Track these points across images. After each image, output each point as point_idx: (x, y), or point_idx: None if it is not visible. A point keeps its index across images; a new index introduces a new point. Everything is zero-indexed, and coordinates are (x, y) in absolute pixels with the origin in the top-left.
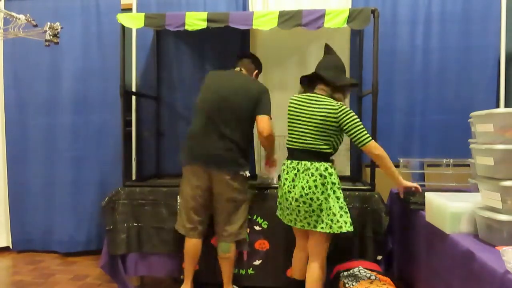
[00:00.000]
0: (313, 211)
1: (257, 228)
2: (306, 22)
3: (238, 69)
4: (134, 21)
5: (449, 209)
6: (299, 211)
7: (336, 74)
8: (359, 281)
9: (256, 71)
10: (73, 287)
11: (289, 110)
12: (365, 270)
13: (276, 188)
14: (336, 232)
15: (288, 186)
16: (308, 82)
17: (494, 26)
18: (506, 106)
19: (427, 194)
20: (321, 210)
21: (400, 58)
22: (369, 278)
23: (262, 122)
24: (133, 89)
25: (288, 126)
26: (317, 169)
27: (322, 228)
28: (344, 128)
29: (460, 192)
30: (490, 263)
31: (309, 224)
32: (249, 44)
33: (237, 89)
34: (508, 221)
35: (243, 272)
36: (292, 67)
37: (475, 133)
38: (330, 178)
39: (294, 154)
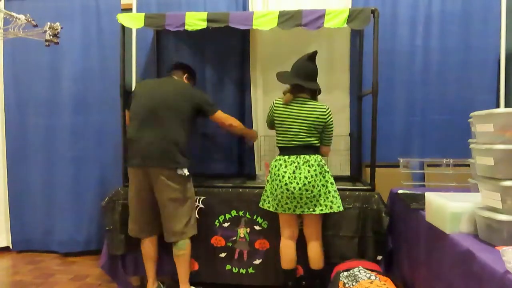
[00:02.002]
0: (314, 196)
1: (257, 228)
2: (306, 22)
3: (169, 77)
4: (134, 21)
5: (449, 209)
6: (301, 198)
7: (315, 82)
8: (359, 281)
9: (186, 74)
10: (73, 287)
11: (277, 112)
12: (365, 270)
13: None
14: (335, 211)
15: (288, 177)
16: (296, 87)
17: (494, 26)
18: (506, 106)
19: (427, 194)
20: (320, 195)
21: (400, 58)
22: (369, 278)
23: (218, 118)
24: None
25: (279, 126)
26: (315, 160)
27: (321, 210)
28: (328, 127)
29: (460, 192)
30: (490, 263)
31: (308, 208)
32: (249, 44)
33: (170, 89)
34: (508, 221)
35: (244, 271)
36: None
37: (475, 133)
38: (325, 167)
39: (292, 150)
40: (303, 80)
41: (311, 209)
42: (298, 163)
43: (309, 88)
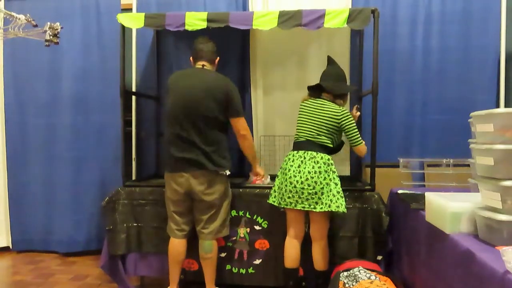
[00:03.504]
0: (315, 193)
1: (257, 227)
2: (306, 22)
3: (200, 65)
4: (134, 21)
5: (449, 209)
6: (302, 192)
7: (336, 82)
8: (359, 281)
9: (218, 58)
10: (73, 287)
11: (301, 111)
12: (365, 270)
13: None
14: (333, 210)
15: (293, 171)
16: (316, 89)
17: (494, 26)
18: (506, 106)
19: (427, 194)
20: (322, 193)
21: (400, 58)
22: (369, 278)
23: (240, 124)
24: (133, 89)
25: (298, 124)
26: (322, 158)
27: (321, 208)
28: (344, 129)
29: (460, 192)
30: (490, 263)
31: (309, 205)
32: (249, 44)
33: (205, 87)
34: (508, 221)
35: (243, 271)
36: (292, 67)
37: (475, 133)
38: (331, 167)
39: (301, 145)
40: (321, 81)
41: (311, 206)
42: (305, 157)
43: (324, 87)
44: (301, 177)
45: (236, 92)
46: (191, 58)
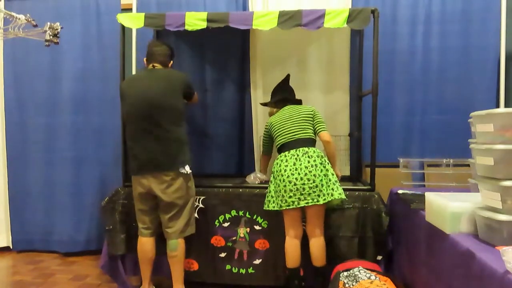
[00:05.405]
0: (316, 186)
1: (257, 227)
2: (306, 22)
3: (151, 66)
4: (134, 21)
5: (449, 209)
6: (303, 188)
7: (292, 93)
8: (359, 281)
9: (171, 61)
10: (73, 287)
11: (272, 126)
12: (365, 270)
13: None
14: (337, 197)
15: (290, 170)
16: (279, 102)
17: (494, 26)
18: (506, 106)
19: (427, 194)
20: (322, 185)
21: (400, 58)
22: (369, 278)
23: (195, 99)
24: None
25: (276, 134)
26: (314, 151)
27: (324, 199)
28: (315, 118)
29: (460, 192)
30: (490, 263)
31: (312, 199)
32: (249, 44)
33: (161, 85)
34: (508, 221)
35: (243, 271)
36: (292, 67)
37: (475, 133)
38: (325, 158)
39: (290, 145)
40: (285, 94)
41: (315, 200)
42: (298, 155)
43: (292, 99)
44: (299, 174)
45: (189, 78)
46: (144, 59)
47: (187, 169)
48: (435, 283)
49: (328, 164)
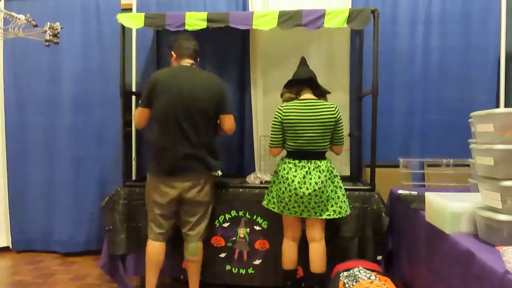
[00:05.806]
0: (322, 202)
1: (257, 228)
2: (306, 22)
3: (188, 63)
4: (134, 21)
5: (449, 209)
6: (309, 203)
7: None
8: (359, 281)
9: (199, 58)
10: (73, 287)
11: (288, 117)
12: (365, 270)
13: None
14: (344, 216)
15: (298, 182)
16: (289, 88)
17: (494, 26)
18: (506, 106)
19: (427, 194)
20: (328, 201)
21: (400, 58)
22: (369, 278)
23: (229, 120)
24: (133, 89)
25: (290, 132)
26: (325, 165)
27: (328, 215)
28: (337, 126)
29: (460, 192)
30: (490, 263)
31: (315, 213)
32: (249, 44)
33: (197, 85)
34: (508, 221)
35: (243, 271)
36: (292, 67)
37: (475, 133)
38: (334, 172)
39: (303, 154)
40: (311, 74)
41: (317, 214)
42: (309, 168)
43: (317, 86)
44: (307, 189)
45: (228, 90)
46: (173, 53)
47: (219, 172)
48: (435, 283)
49: (336, 177)
